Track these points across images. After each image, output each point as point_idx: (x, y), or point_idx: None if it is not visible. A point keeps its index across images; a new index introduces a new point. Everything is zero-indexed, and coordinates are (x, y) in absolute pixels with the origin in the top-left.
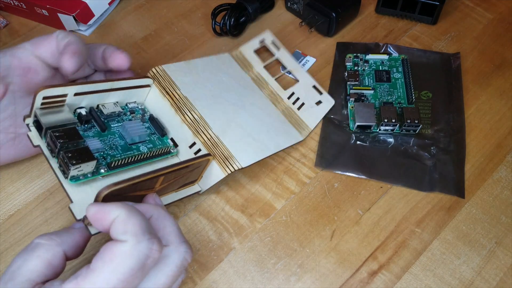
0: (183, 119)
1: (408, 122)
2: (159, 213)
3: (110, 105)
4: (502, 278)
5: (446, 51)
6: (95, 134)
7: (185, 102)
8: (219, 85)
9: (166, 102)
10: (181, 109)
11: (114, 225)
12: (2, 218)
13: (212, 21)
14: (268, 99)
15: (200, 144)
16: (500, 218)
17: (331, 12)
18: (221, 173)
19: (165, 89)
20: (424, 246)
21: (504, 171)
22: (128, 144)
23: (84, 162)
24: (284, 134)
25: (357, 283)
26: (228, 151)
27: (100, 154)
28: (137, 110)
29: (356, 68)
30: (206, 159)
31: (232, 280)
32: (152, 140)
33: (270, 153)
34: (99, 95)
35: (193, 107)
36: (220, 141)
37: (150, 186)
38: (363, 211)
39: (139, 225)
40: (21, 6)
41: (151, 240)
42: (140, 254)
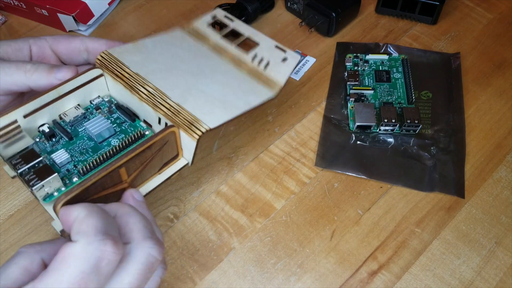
0: (140, 97)
1: (408, 122)
2: (123, 210)
3: (71, 111)
4: (502, 278)
5: (446, 51)
6: (63, 145)
7: (136, 79)
8: (173, 58)
9: (119, 84)
10: (134, 87)
11: (72, 225)
12: (2, 218)
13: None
14: (231, 64)
15: (163, 117)
16: (500, 218)
17: (331, 12)
18: (191, 141)
19: (114, 72)
20: (424, 246)
21: (504, 171)
22: (98, 143)
23: (43, 179)
24: (253, 92)
25: (357, 283)
26: (192, 115)
27: (71, 163)
28: (103, 104)
29: (356, 68)
30: (169, 132)
31: (232, 280)
32: (124, 130)
33: (241, 111)
34: (54, 106)
35: (146, 81)
36: (182, 107)
37: (117, 181)
38: (363, 211)
39: (93, 225)
40: (21, 6)
41: (103, 241)
42: (90, 256)
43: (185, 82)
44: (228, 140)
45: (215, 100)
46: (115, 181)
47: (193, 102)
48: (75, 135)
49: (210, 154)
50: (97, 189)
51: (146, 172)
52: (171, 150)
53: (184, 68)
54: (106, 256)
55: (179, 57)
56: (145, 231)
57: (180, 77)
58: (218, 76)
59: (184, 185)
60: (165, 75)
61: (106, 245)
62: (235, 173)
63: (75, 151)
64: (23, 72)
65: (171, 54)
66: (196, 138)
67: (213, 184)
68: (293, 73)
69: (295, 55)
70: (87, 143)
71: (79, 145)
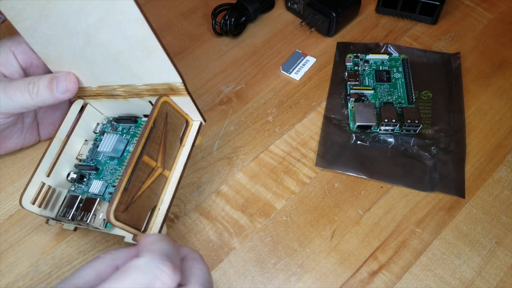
0: (123, 97)
1: (408, 122)
2: (193, 255)
3: (84, 149)
4: (502, 278)
5: (446, 51)
6: (95, 178)
7: (104, 88)
8: (63, 45)
9: (103, 100)
10: (106, 94)
11: (144, 246)
12: (2, 218)
13: (212, 21)
14: None
15: (151, 97)
16: (500, 218)
17: (331, 12)
18: (186, 99)
19: (90, 95)
20: (424, 246)
21: (504, 171)
22: (120, 157)
23: (91, 209)
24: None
25: (357, 283)
26: (165, 84)
27: (109, 187)
28: (106, 127)
29: (356, 68)
30: (161, 103)
31: (232, 280)
32: (133, 134)
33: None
34: (66, 152)
35: (107, 84)
36: (148, 84)
37: (149, 170)
38: (364, 211)
39: (160, 247)
40: None
41: (163, 261)
42: (149, 271)
43: (102, 58)
44: (228, 140)
45: (140, 61)
46: (147, 171)
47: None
48: (99, 165)
49: (210, 154)
50: (136, 185)
51: (170, 150)
52: (179, 120)
53: (89, 50)
54: (162, 277)
55: (60, 37)
56: (204, 280)
57: (97, 54)
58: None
59: (184, 185)
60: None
61: (166, 266)
62: (235, 173)
63: (106, 176)
64: (28, 95)
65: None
66: (186, 93)
67: (214, 184)
68: (294, 73)
69: None
70: (112, 163)
71: (106, 169)
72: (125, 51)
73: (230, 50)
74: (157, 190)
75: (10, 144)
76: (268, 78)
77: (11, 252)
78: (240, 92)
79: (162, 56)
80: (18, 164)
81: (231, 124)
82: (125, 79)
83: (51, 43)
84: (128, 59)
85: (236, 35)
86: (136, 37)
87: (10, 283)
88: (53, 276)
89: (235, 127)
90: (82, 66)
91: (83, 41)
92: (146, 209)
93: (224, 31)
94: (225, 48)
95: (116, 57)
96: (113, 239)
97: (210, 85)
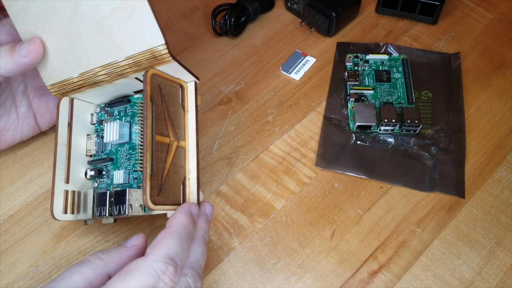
0: (107, 81)
1: (408, 122)
2: (198, 234)
3: (89, 144)
4: (502, 278)
5: (446, 51)
6: (114, 168)
7: (86, 76)
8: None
9: (88, 90)
10: (96, 82)
11: (159, 233)
12: (2, 218)
13: (212, 21)
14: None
15: (136, 74)
16: (500, 218)
17: (331, 12)
18: (172, 64)
19: (73, 89)
20: (424, 246)
21: (504, 171)
22: (129, 142)
23: (123, 202)
24: None
25: (357, 283)
26: (143, 52)
27: (131, 172)
28: (101, 115)
29: (356, 68)
30: (150, 76)
31: (232, 280)
32: (131, 113)
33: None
34: (74, 154)
35: (90, 70)
36: (133, 55)
37: (164, 147)
38: (363, 211)
39: (167, 246)
40: None
41: (166, 264)
42: (152, 273)
43: (87, 36)
44: (228, 140)
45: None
46: (164, 150)
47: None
48: (111, 155)
49: (210, 154)
50: (160, 166)
51: (177, 121)
52: (173, 88)
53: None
54: (164, 279)
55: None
56: (193, 261)
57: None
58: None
59: None
60: (76, 47)
61: (168, 269)
62: (235, 173)
63: (123, 163)
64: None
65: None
66: (171, 59)
67: (213, 184)
68: (294, 73)
69: None
70: (124, 149)
71: (121, 156)
72: (109, 16)
73: (230, 50)
74: (180, 163)
75: (9, 137)
76: (268, 78)
77: (11, 252)
78: (240, 92)
79: (146, 11)
80: (18, 164)
81: (231, 124)
82: (107, 56)
83: (39, 26)
84: (112, 25)
85: (236, 35)
86: (128, 7)
87: (10, 283)
88: (53, 276)
89: (235, 127)
90: (65, 50)
91: (70, 13)
92: (178, 184)
93: (224, 31)
94: (225, 48)
95: (100, 26)
96: (113, 239)
97: (210, 85)
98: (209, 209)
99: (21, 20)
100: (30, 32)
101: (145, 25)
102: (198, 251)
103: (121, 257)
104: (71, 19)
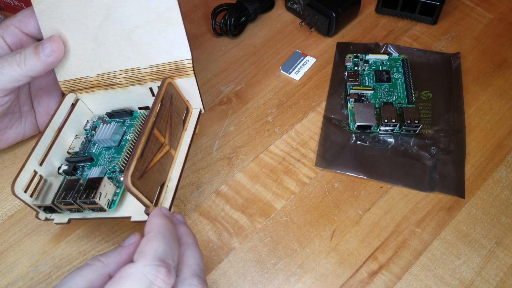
0: (122, 85)
1: (408, 122)
2: (188, 240)
3: (75, 142)
4: (502, 278)
5: (446, 51)
6: (89, 167)
7: (103, 78)
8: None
9: (99, 92)
10: (110, 84)
11: (141, 243)
12: (2, 218)
13: (212, 21)
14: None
15: (153, 83)
16: (500, 218)
17: (331, 12)
18: (190, 81)
19: (85, 88)
20: (424, 246)
21: (504, 171)
22: (117, 146)
23: (95, 188)
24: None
25: (357, 283)
26: (173, 63)
27: (108, 174)
28: (96, 123)
29: (356, 68)
30: (167, 84)
31: (232, 281)
32: (130, 125)
33: (180, 20)
34: (58, 144)
35: (109, 73)
36: (157, 64)
37: (158, 144)
38: (363, 211)
39: (154, 248)
40: (21, 6)
41: (157, 267)
42: (143, 278)
43: (119, 42)
44: (228, 140)
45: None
46: (157, 145)
47: (150, 53)
48: (94, 156)
49: (210, 154)
50: (148, 156)
51: (175, 131)
52: (181, 105)
53: (91, 33)
54: (157, 283)
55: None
56: (196, 268)
57: (113, 40)
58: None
59: (184, 185)
60: (104, 51)
61: (159, 272)
62: (235, 173)
63: (103, 164)
64: (16, 65)
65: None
66: (192, 73)
67: (213, 184)
68: (294, 73)
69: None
70: (108, 153)
71: (103, 159)
72: (141, 26)
73: (230, 50)
74: (165, 166)
75: (12, 135)
76: (268, 78)
77: (11, 252)
78: (240, 92)
79: (179, 29)
80: (18, 165)
81: (231, 124)
82: (130, 62)
83: (65, 25)
84: (143, 35)
85: (236, 35)
86: (160, 8)
87: (10, 283)
88: (53, 276)
89: (235, 127)
90: (87, 51)
91: (101, 18)
92: (156, 182)
93: (224, 31)
94: (225, 48)
95: (130, 34)
96: (113, 239)
97: (210, 85)
98: (182, 218)
99: (47, 17)
100: (53, 29)
101: (175, 41)
102: (197, 256)
103: (120, 256)
104: (100, 24)
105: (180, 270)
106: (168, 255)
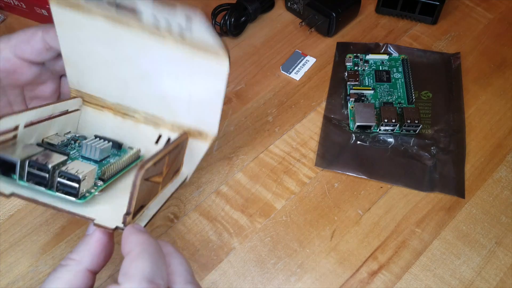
0: (136, 120)
1: (408, 122)
2: (166, 249)
3: (53, 137)
4: (502, 278)
5: (446, 51)
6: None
7: (121, 106)
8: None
9: (107, 114)
10: (116, 111)
11: (123, 263)
12: (2, 218)
13: (212, 21)
14: (150, 37)
15: (168, 131)
16: (500, 218)
17: (331, 12)
18: (203, 146)
19: (97, 103)
20: (424, 246)
21: (504, 171)
22: (98, 161)
23: (85, 170)
24: (203, 68)
25: (357, 283)
26: (194, 125)
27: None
28: (80, 138)
29: (356, 68)
30: (184, 138)
31: (232, 281)
32: (114, 154)
33: (220, 102)
34: (44, 125)
35: (130, 105)
36: (179, 123)
37: (159, 170)
38: (363, 211)
39: (141, 269)
40: (21, 6)
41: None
42: None
43: (149, 87)
44: (228, 140)
45: (190, 98)
46: (160, 169)
47: (179, 110)
48: (70, 157)
49: (210, 154)
50: (153, 170)
51: (168, 176)
52: (179, 160)
53: (126, 67)
54: None
55: (110, 59)
56: (186, 275)
57: (140, 83)
58: (160, 63)
59: (184, 185)
60: (130, 89)
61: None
62: (235, 173)
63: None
64: (41, 31)
65: (101, 57)
66: (210, 142)
67: (213, 184)
68: (294, 73)
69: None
70: (85, 163)
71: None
72: (179, 92)
73: (230, 50)
74: (153, 191)
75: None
76: (268, 78)
77: (11, 252)
78: (240, 92)
79: (216, 110)
80: None
81: (231, 124)
82: (156, 109)
83: (91, 59)
84: (177, 99)
85: (236, 35)
86: (207, 90)
87: (10, 283)
88: None
89: (235, 127)
90: (112, 83)
91: (137, 76)
92: (142, 199)
93: (224, 31)
94: None
95: (164, 94)
96: None
97: None
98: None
99: (74, 62)
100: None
101: (208, 115)
102: (183, 262)
103: (89, 247)
104: (132, 77)
105: (172, 281)
106: (157, 274)
